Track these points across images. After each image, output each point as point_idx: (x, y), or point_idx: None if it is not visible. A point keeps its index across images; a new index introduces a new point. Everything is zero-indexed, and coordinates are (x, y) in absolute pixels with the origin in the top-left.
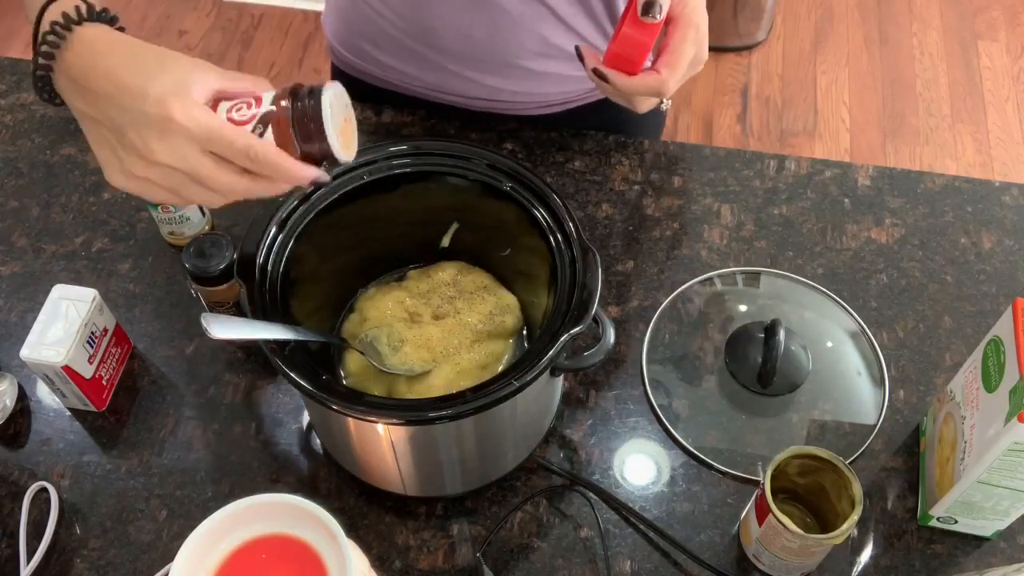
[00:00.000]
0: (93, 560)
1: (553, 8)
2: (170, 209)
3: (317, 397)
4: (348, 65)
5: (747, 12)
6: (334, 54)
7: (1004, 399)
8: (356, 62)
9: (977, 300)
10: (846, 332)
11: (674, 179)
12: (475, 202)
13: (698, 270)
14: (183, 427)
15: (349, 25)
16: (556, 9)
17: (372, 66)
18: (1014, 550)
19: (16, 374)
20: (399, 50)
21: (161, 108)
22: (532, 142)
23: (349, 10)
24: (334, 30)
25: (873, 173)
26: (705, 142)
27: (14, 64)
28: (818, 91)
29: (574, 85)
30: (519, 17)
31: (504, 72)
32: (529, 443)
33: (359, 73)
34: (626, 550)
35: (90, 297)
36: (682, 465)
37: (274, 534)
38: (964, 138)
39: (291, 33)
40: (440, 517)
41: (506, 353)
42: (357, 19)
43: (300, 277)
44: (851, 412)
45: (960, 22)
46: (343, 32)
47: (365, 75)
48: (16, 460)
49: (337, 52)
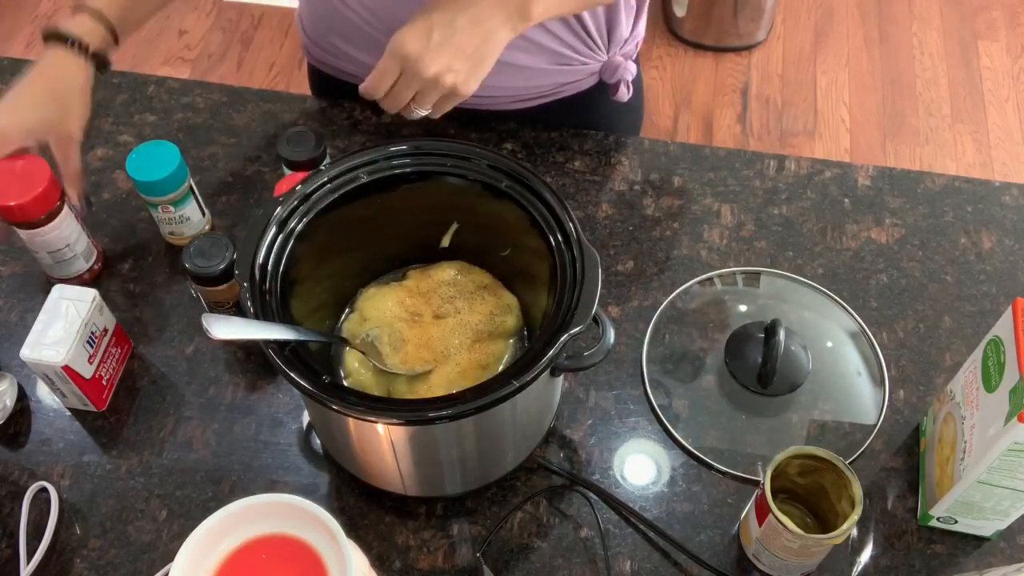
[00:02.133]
0: (93, 560)
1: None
2: (170, 209)
3: (317, 397)
4: (322, 63)
5: (747, 12)
6: (308, 52)
7: (1004, 399)
8: (329, 59)
9: (977, 300)
10: (846, 332)
11: (674, 179)
12: (475, 202)
13: (698, 270)
14: (183, 427)
15: (321, 21)
16: None
17: (345, 62)
18: (1014, 550)
19: (16, 374)
20: (371, 45)
21: None
22: (532, 142)
23: (319, 5)
24: (307, 27)
25: (873, 173)
26: (705, 142)
27: (14, 64)
28: (818, 91)
29: (544, 79)
30: None
31: None
32: (529, 443)
33: (333, 70)
34: (626, 550)
35: (90, 297)
36: (682, 465)
37: (274, 534)
38: (964, 138)
39: (291, 33)
40: (440, 517)
41: (506, 353)
42: (328, 14)
43: (300, 277)
44: (851, 412)
45: (960, 22)
46: (315, 29)
47: (339, 72)
48: (16, 460)
49: (311, 50)
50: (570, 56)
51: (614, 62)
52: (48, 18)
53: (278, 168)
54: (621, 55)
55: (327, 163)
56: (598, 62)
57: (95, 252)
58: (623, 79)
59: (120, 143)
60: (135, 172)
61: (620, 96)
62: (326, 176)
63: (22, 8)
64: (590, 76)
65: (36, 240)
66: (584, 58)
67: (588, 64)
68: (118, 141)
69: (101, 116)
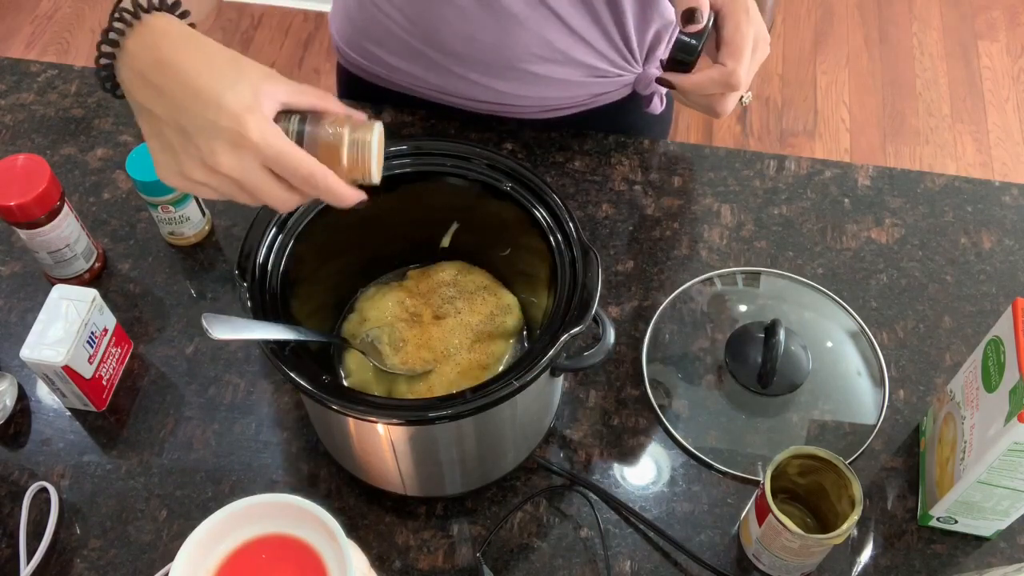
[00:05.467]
0: (93, 560)
1: (558, 12)
2: (170, 209)
3: (317, 397)
4: (354, 65)
5: None
6: (340, 54)
7: (1004, 399)
8: (362, 62)
9: (977, 300)
10: (846, 332)
11: (674, 179)
12: (475, 202)
13: (698, 270)
14: (183, 427)
15: (355, 25)
16: (561, 13)
17: (378, 67)
18: (1014, 550)
19: (16, 374)
20: (405, 51)
21: (235, 123)
22: (532, 142)
23: (356, 11)
24: (340, 31)
25: (873, 173)
26: (705, 142)
27: (14, 64)
28: (818, 91)
29: (577, 90)
30: (524, 21)
31: (508, 76)
32: (529, 443)
33: (364, 74)
34: (626, 550)
35: (90, 297)
36: (682, 465)
37: (274, 534)
38: (964, 138)
39: (291, 33)
40: (440, 517)
41: (506, 353)
42: (364, 20)
43: (300, 277)
44: (851, 412)
45: (960, 22)
46: (349, 33)
47: (370, 75)
48: (16, 460)
49: (343, 52)
50: (606, 69)
51: (648, 74)
52: (48, 18)
53: None
54: (656, 68)
55: None
56: (632, 74)
57: (95, 252)
58: (657, 91)
59: (120, 143)
60: (135, 172)
61: (653, 108)
62: None
63: (22, 8)
64: (623, 88)
65: (36, 240)
66: (619, 70)
67: (623, 76)
68: (118, 141)
69: (101, 116)
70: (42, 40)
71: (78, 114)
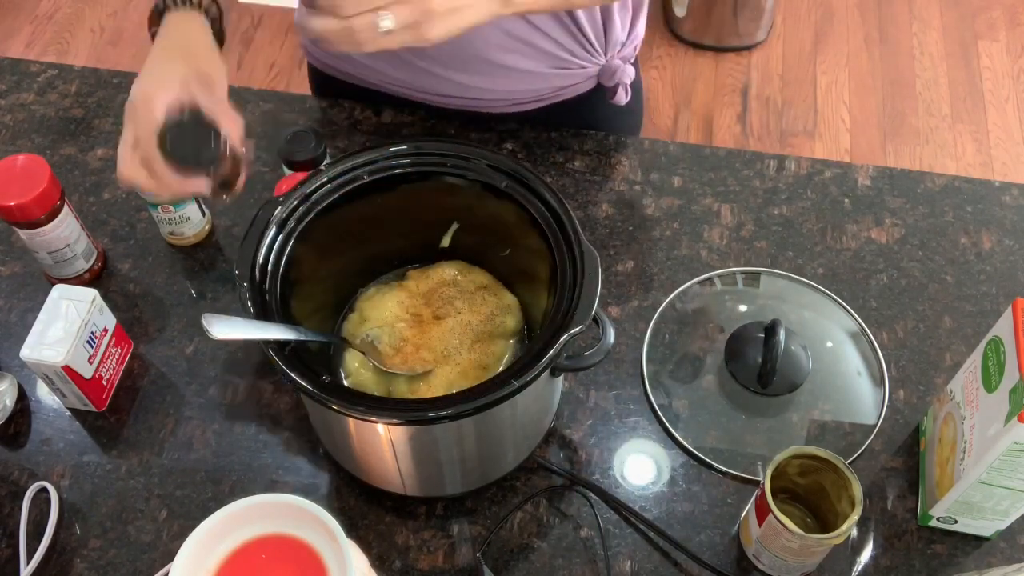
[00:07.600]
0: (93, 560)
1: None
2: (170, 209)
3: (317, 397)
4: (322, 63)
5: (747, 12)
6: (308, 53)
7: (1004, 399)
8: (329, 59)
9: (977, 300)
10: (846, 332)
11: (674, 179)
12: (475, 202)
13: (698, 270)
14: (183, 427)
15: None
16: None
17: (345, 63)
18: (1014, 550)
19: (16, 374)
20: None
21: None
22: (532, 142)
23: None
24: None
25: (873, 173)
26: (705, 142)
27: (14, 64)
28: (818, 91)
29: (542, 83)
30: None
31: (471, 68)
32: (529, 443)
33: (333, 71)
34: (626, 550)
35: (90, 297)
36: (682, 465)
37: (274, 534)
38: (964, 138)
39: (291, 33)
40: (440, 517)
41: (506, 353)
42: None
43: (300, 277)
44: (851, 412)
45: (960, 22)
46: None
47: (339, 73)
48: (16, 460)
49: (310, 51)
50: (567, 59)
51: (612, 65)
52: (48, 18)
53: (278, 168)
54: (619, 58)
55: (327, 163)
56: (596, 65)
57: (95, 252)
58: (621, 82)
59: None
60: None
61: (618, 100)
62: (326, 176)
63: (22, 8)
64: (588, 80)
65: (36, 240)
66: (581, 61)
67: (586, 68)
68: (118, 141)
69: (101, 116)
70: (42, 40)
71: (78, 114)
